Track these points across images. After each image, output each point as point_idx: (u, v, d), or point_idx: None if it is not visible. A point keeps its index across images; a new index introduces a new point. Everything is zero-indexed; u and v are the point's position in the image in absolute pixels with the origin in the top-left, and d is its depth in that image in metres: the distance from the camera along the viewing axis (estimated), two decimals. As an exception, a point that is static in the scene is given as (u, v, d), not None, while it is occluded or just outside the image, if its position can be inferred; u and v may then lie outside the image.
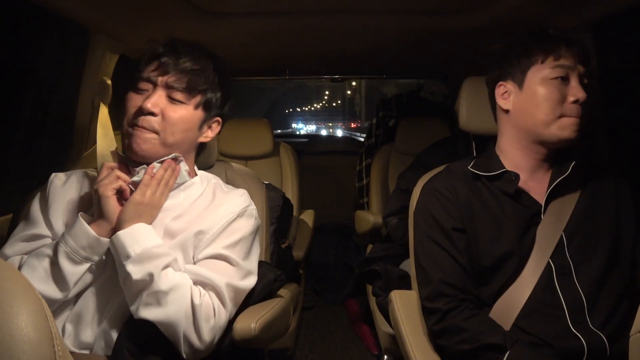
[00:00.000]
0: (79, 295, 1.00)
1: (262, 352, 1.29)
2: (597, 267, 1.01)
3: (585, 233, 1.04)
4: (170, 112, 1.01)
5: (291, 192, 2.48)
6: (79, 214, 0.98)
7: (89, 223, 0.97)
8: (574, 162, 1.05)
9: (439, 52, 2.24)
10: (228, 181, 1.40)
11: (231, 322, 1.02)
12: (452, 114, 2.59)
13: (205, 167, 1.39)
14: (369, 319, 2.27)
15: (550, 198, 1.07)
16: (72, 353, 0.97)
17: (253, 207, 1.14)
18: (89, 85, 1.55)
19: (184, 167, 1.08)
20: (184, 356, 0.93)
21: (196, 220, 1.05)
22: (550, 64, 1.03)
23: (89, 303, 0.99)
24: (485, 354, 0.95)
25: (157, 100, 1.00)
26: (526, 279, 1.02)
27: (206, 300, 0.96)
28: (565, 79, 1.02)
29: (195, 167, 1.19)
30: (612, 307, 0.99)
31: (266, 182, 1.65)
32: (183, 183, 1.10)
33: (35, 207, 1.07)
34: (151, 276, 0.91)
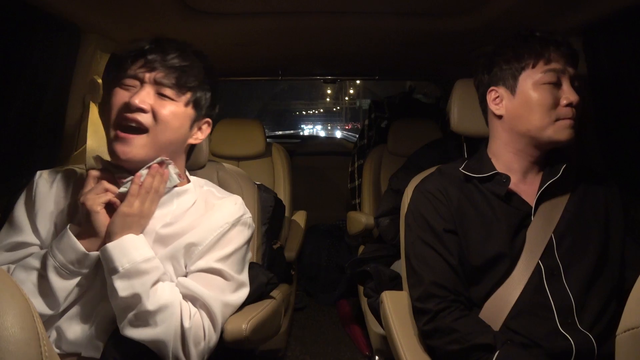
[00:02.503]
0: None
1: (253, 353, 1.28)
2: (586, 269, 1.02)
3: (575, 235, 1.05)
4: (160, 108, 0.96)
5: (283, 193, 2.48)
6: (68, 227, 0.95)
7: (78, 236, 0.94)
8: (564, 165, 1.06)
9: (431, 53, 2.25)
10: (220, 182, 1.40)
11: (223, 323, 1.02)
12: (444, 115, 2.61)
13: (196, 168, 1.38)
14: (361, 319, 2.27)
15: (540, 200, 1.08)
16: (59, 356, 0.96)
17: (248, 215, 1.10)
18: (79, 84, 1.54)
19: (172, 170, 1.03)
20: None
21: (188, 230, 1.02)
22: (541, 69, 1.03)
23: (76, 311, 0.97)
24: (475, 354, 0.95)
25: (145, 96, 0.95)
26: (516, 279, 1.03)
27: (196, 321, 0.93)
28: (556, 83, 1.03)
29: (188, 174, 1.15)
30: (601, 308, 0.99)
31: (258, 183, 1.65)
32: (174, 187, 1.05)
33: (21, 211, 1.02)
34: (138, 296, 0.89)
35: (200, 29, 1.70)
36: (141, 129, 0.95)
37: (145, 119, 0.95)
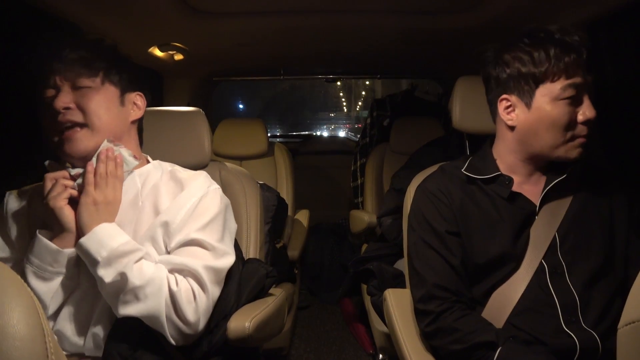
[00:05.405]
0: (59, 309, 0.99)
1: (257, 351, 1.28)
2: (590, 267, 1.01)
3: (579, 234, 1.04)
4: (83, 99, 1.00)
5: (286, 192, 2.48)
6: (37, 231, 0.96)
7: (51, 238, 0.96)
8: (571, 167, 1.05)
9: (433, 52, 2.25)
10: (222, 181, 1.40)
11: (224, 316, 1.02)
12: (446, 113, 2.60)
13: (199, 167, 1.39)
14: (364, 318, 2.28)
15: (544, 199, 1.07)
16: None
17: (216, 186, 1.13)
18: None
19: (125, 152, 1.05)
20: (172, 341, 0.93)
21: (161, 207, 1.04)
22: (561, 83, 0.97)
23: (72, 312, 0.98)
24: (478, 352, 0.95)
25: (64, 96, 0.98)
26: (519, 277, 1.02)
27: (184, 285, 0.95)
28: (575, 97, 0.97)
29: (148, 157, 1.18)
30: (605, 306, 0.99)
31: (261, 182, 1.65)
32: (132, 170, 1.08)
33: None
34: (123, 275, 0.90)
35: (202, 28, 1.71)
36: (77, 123, 0.99)
37: (75, 115, 0.99)
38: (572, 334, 0.95)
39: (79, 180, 1.00)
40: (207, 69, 2.60)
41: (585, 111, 0.97)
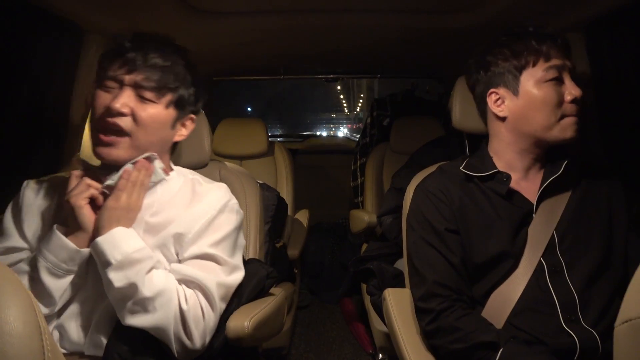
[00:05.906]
0: (64, 306, 0.98)
1: (256, 350, 1.29)
2: (589, 266, 1.01)
3: (577, 231, 1.04)
4: (141, 111, 0.97)
5: (286, 192, 2.48)
6: (54, 226, 0.95)
7: (66, 234, 0.95)
8: (566, 162, 1.06)
9: (434, 51, 2.25)
10: (222, 180, 1.40)
11: (224, 320, 1.02)
12: (447, 113, 2.60)
13: (199, 167, 1.39)
14: (364, 317, 2.28)
15: (542, 197, 1.07)
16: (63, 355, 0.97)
17: (234, 201, 1.12)
18: (82, 84, 1.55)
19: (158, 164, 1.04)
20: (177, 356, 0.92)
21: (175, 218, 1.02)
22: (542, 66, 1.03)
23: (75, 310, 0.98)
24: (479, 353, 0.95)
25: (126, 100, 0.95)
26: (518, 277, 1.03)
27: (193, 302, 0.94)
28: (558, 79, 1.02)
29: (171, 163, 1.16)
30: (605, 305, 0.99)
31: (261, 182, 1.65)
32: (159, 181, 1.06)
33: (8, 218, 1.03)
34: (134, 285, 0.89)
35: (202, 28, 1.70)
36: (123, 132, 0.96)
37: (125, 122, 0.96)
38: (572, 333, 0.95)
39: (109, 182, 0.98)
40: (208, 68, 2.60)
41: (571, 90, 1.02)
